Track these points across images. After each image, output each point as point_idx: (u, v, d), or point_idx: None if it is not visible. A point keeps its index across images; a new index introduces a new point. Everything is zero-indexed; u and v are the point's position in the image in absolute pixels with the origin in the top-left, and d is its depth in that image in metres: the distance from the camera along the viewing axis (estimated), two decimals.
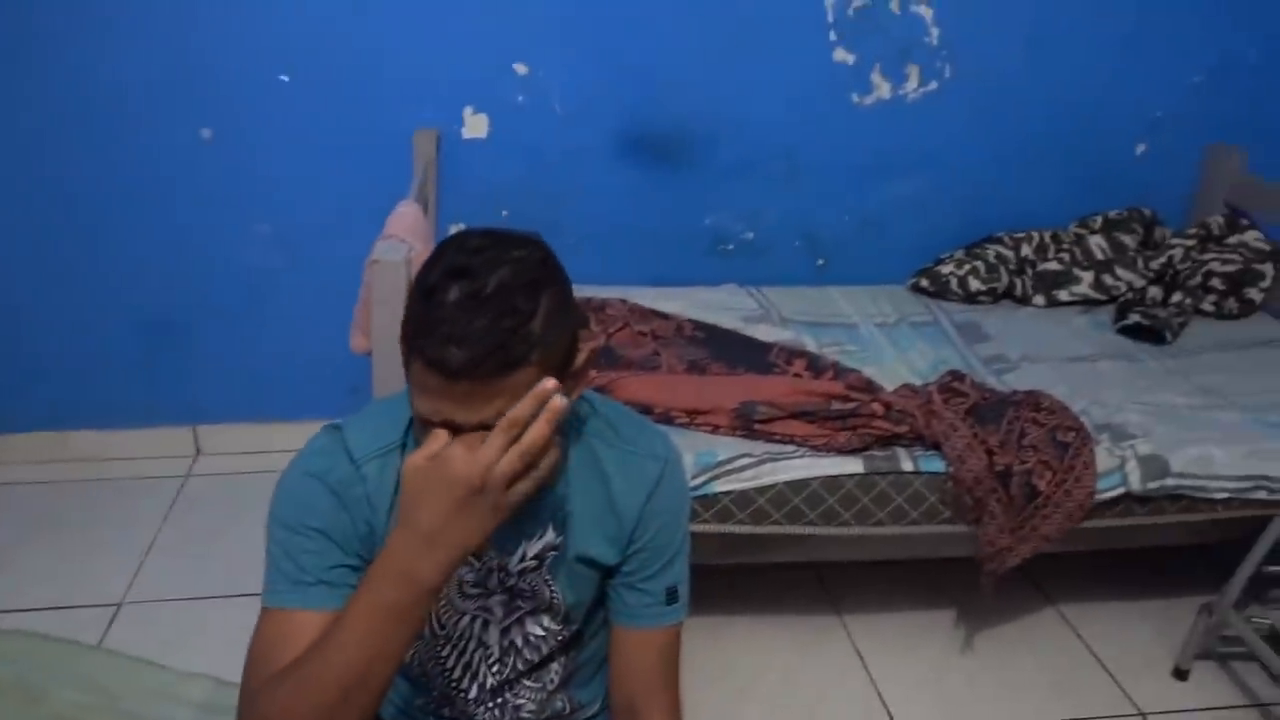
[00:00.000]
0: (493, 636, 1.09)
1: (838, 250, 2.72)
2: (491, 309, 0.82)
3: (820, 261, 2.73)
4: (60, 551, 2.22)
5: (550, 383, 0.81)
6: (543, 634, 1.10)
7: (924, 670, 2.02)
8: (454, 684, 1.11)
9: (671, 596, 1.08)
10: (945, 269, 2.61)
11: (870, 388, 1.89)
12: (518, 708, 1.14)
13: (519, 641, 1.10)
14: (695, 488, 1.69)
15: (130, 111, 2.26)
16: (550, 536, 1.04)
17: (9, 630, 1.81)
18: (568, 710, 1.18)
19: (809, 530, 1.73)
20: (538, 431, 0.81)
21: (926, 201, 2.70)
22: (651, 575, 1.07)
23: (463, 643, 1.09)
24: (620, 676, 1.09)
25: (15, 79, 2.19)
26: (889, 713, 1.91)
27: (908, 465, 1.75)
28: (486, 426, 0.83)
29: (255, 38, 2.24)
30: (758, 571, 2.22)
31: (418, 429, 0.91)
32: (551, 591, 1.07)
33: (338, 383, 2.55)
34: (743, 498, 1.71)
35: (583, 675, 1.18)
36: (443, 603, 1.07)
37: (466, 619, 1.08)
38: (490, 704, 1.13)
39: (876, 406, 1.77)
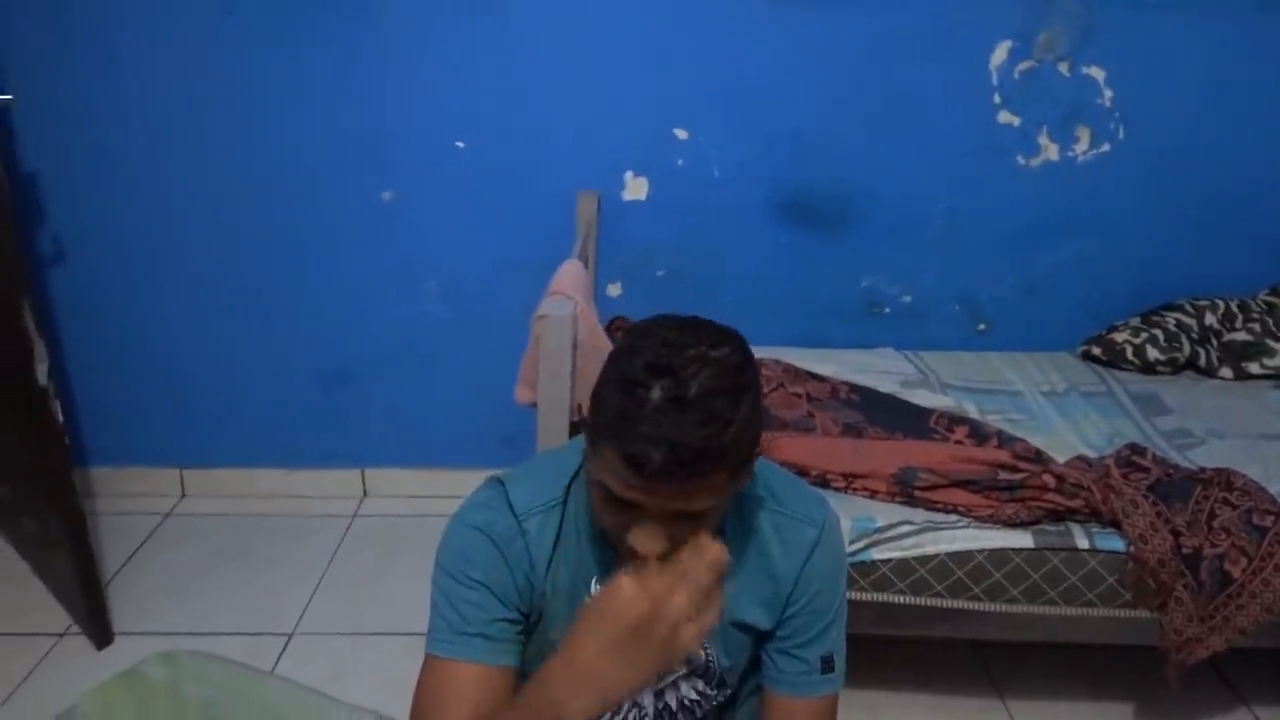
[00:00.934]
0: (647, 699, 1.09)
1: (999, 316, 2.64)
2: (695, 416, 0.81)
3: (981, 326, 2.65)
4: (242, 580, 2.38)
5: (721, 554, 0.83)
6: (697, 698, 1.10)
7: None
8: None
9: (827, 666, 1.07)
10: (1119, 337, 2.48)
11: (1040, 458, 1.80)
12: None
13: (673, 704, 1.10)
14: (852, 554, 1.65)
15: (323, 175, 2.45)
16: None
17: (208, 654, 1.93)
18: None
19: (973, 605, 1.66)
20: (709, 576, 0.81)
21: (1097, 267, 2.58)
22: (807, 642, 1.06)
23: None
24: None
25: (232, 146, 2.42)
26: None
27: (1083, 542, 1.65)
28: (669, 516, 0.85)
29: (435, 107, 2.40)
30: (916, 645, 2.13)
31: (598, 499, 0.92)
32: (707, 655, 1.07)
33: (493, 433, 2.65)
34: (902, 567, 1.66)
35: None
36: None
37: None
38: None
39: (1047, 478, 1.69)
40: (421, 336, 2.62)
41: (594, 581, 1.05)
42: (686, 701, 1.10)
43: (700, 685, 1.09)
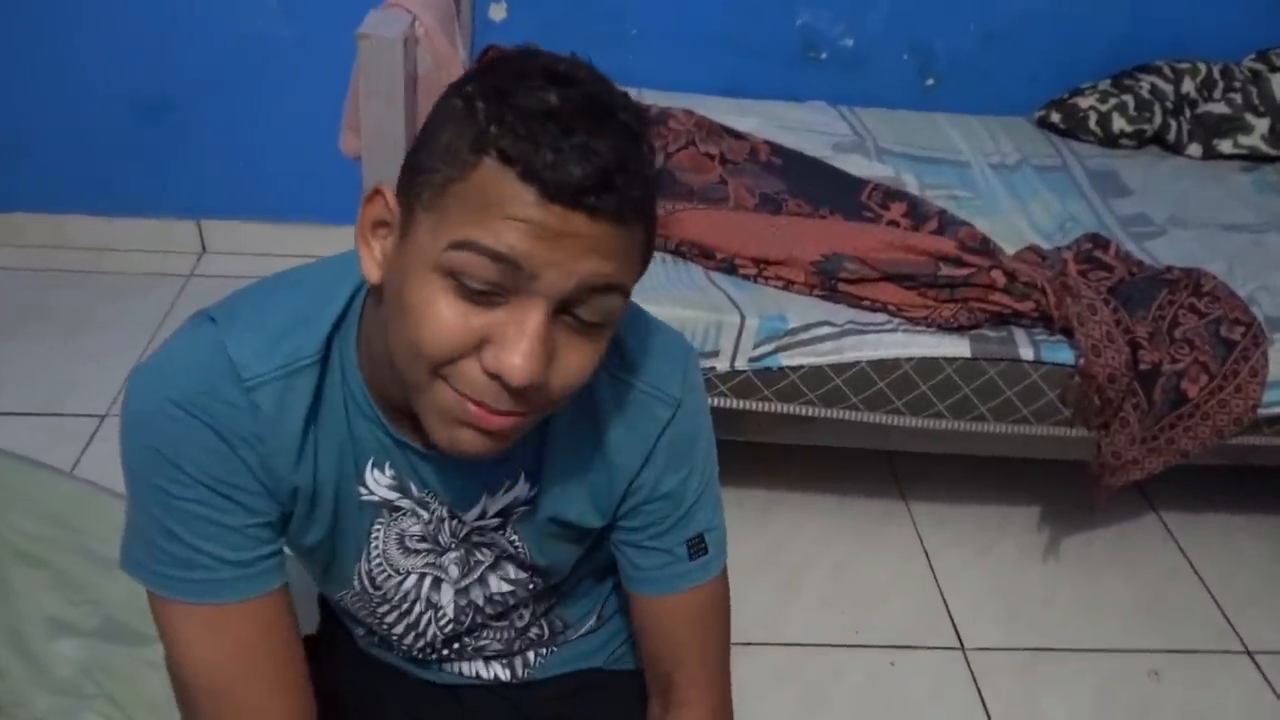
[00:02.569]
0: (445, 596, 0.82)
1: (953, 69, 2.26)
2: (617, 128, 0.56)
3: (930, 81, 2.27)
4: (49, 350, 2.01)
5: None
6: (509, 588, 0.83)
7: (994, 574, 1.77)
8: (395, 637, 0.86)
9: (696, 548, 0.79)
10: (1084, 102, 2.15)
11: (988, 250, 1.51)
12: (479, 648, 0.90)
13: (480, 599, 0.83)
14: (756, 359, 1.38)
15: None
16: (520, 489, 0.76)
17: None
18: (547, 634, 0.93)
19: (891, 420, 1.42)
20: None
21: (1071, 14, 2.19)
22: (663, 531, 0.79)
23: (406, 604, 0.82)
24: (649, 651, 0.84)
25: None
26: (951, 618, 1.67)
27: (1026, 352, 1.41)
28: (582, 294, 0.58)
29: None
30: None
31: (437, 296, 0.57)
32: (516, 549, 0.80)
33: (352, 184, 2.22)
34: (815, 375, 1.39)
35: (567, 599, 0.92)
36: (375, 560, 0.78)
37: (412, 579, 0.80)
38: (442, 649, 0.89)
39: (996, 275, 1.40)
40: (256, 60, 2.12)
41: (369, 468, 0.72)
42: (496, 596, 0.83)
43: (511, 572, 0.82)
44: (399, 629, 0.85)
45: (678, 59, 2.16)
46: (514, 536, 0.79)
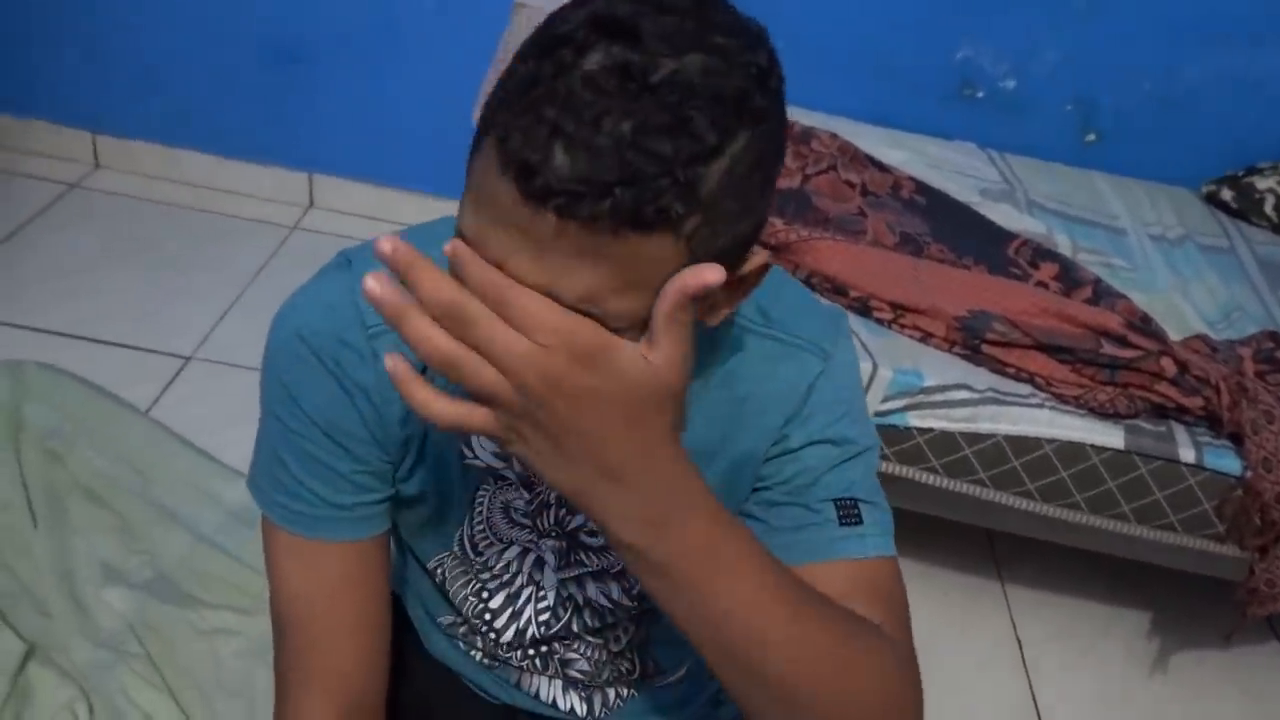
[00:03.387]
0: (548, 580, 0.76)
1: (1118, 127, 2.09)
2: (651, 109, 0.45)
3: (1090, 137, 2.11)
4: (145, 282, 1.99)
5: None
6: (609, 605, 0.77)
7: (1094, 677, 1.61)
8: (488, 620, 0.79)
9: (847, 513, 0.66)
10: (1261, 183, 1.97)
11: (1156, 332, 1.36)
12: (567, 662, 0.82)
13: (579, 599, 0.77)
14: (882, 414, 1.25)
15: None
16: None
17: (63, 373, 1.57)
18: (637, 673, 0.83)
19: (1019, 503, 1.29)
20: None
21: (1255, 88, 2.01)
22: (806, 485, 0.67)
23: (508, 575, 0.77)
24: None
25: None
26: (1038, 713, 1.52)
27: (1187, 453, 1.25)
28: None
29: None
30: None
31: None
32: None
33: (460, 155, 2.16)
34: (944, 441, 1.27)
35: (667, 634, 0.82)
36: (479, 525, 0.74)
37: (515, 550, 0.75)
38: (530, 651, 0.81)
39: (1166, 364, 1.26)
40: (393, 21, 2.07)
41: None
42: (595, 605, 0.77)
43: (615, 592, 0.76)
44: (497, 602, 0.77)
45: (824, 77, 2.04)
46: None
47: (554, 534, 0.73)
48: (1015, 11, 1.98)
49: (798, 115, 1.88)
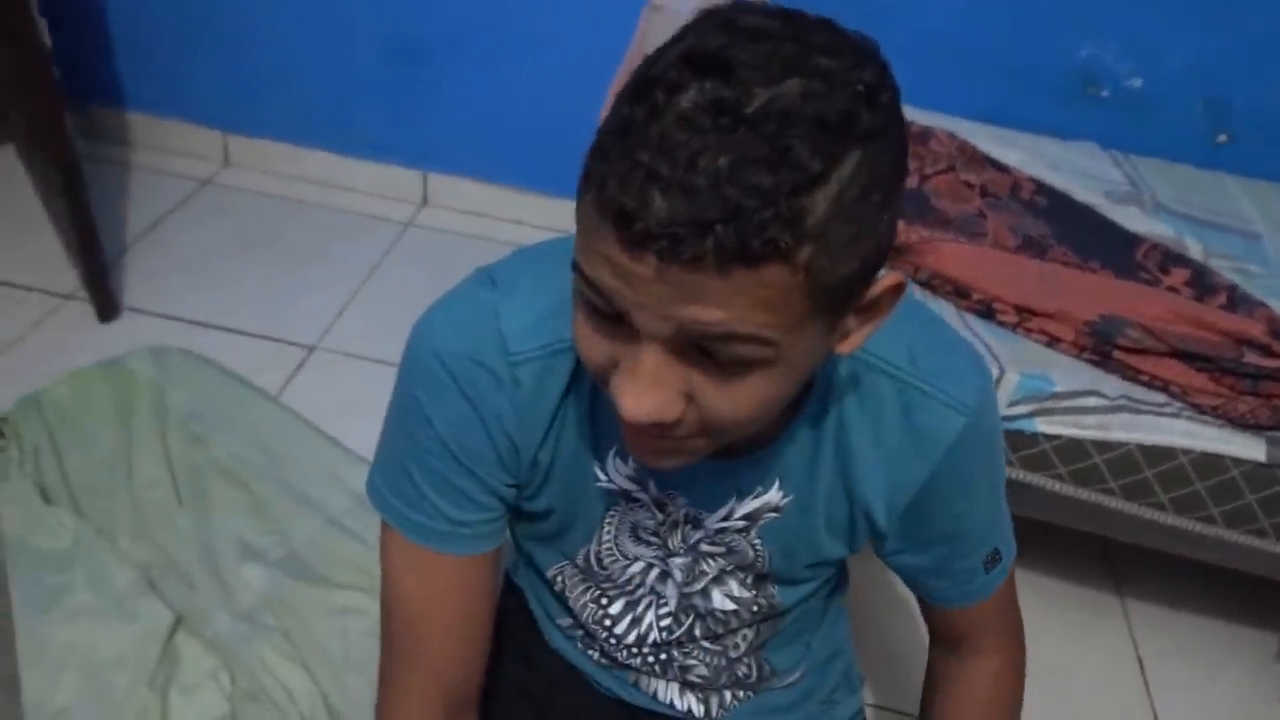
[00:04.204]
0: (670, 590, 0.78)
1: (1251, 127, 2.00)
2: (748, 142, 0.44)
3: (1221, 138, 2.02)
4: (273, 274, 2.08)
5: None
6: (733, 606, 0.78)
7: (1221, 700, 1.54)
8: (607, 625, 0.81)
9: (992, 562, 0.77)
10: None
11: None
12: (686, 668, 0.83)
13: (701, 608, 0.78)
14: (1009, 419, 1.23)
15: None
16: (773, 496, 0.71)
17: (202, 359, 1.67)
18: (755, 677, 0.86)
19: (1150, 515, 1.25)
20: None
21: None
22: (959, 550, 0.75)
23: (631, 587, 0.78)
24: (937, 632, 0.86)
25: None
26: None
27: None
28: (687, 342, 0.49)
29: None
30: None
31: (576, 310, 0.54)
32: (756, 554, 0.74)
33: (575, 155, 2.19)
34: (1073, 449, 1.24)
35: (782, 639, 0.85)
36: (606, 544, 0.75)
37: (640, 565, 0.76)
38: (650, 656, 0.83)
39: None
40: (512, 17, 2.11)
41: (611, 455, 0.70)
42: (719, 613, 0.79)
43: (735, 589, 0.77)
44: (617, 608, 0.80)
45: (941, 76, 2.01)
46: (757, 541, 0.73)
47: (682, 551, 0.75)
48: (1143, 7, 1.91)
49: (914, 115, 1.85)
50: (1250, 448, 1.20)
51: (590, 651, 0.85)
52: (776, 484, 0.70)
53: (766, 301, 0.47)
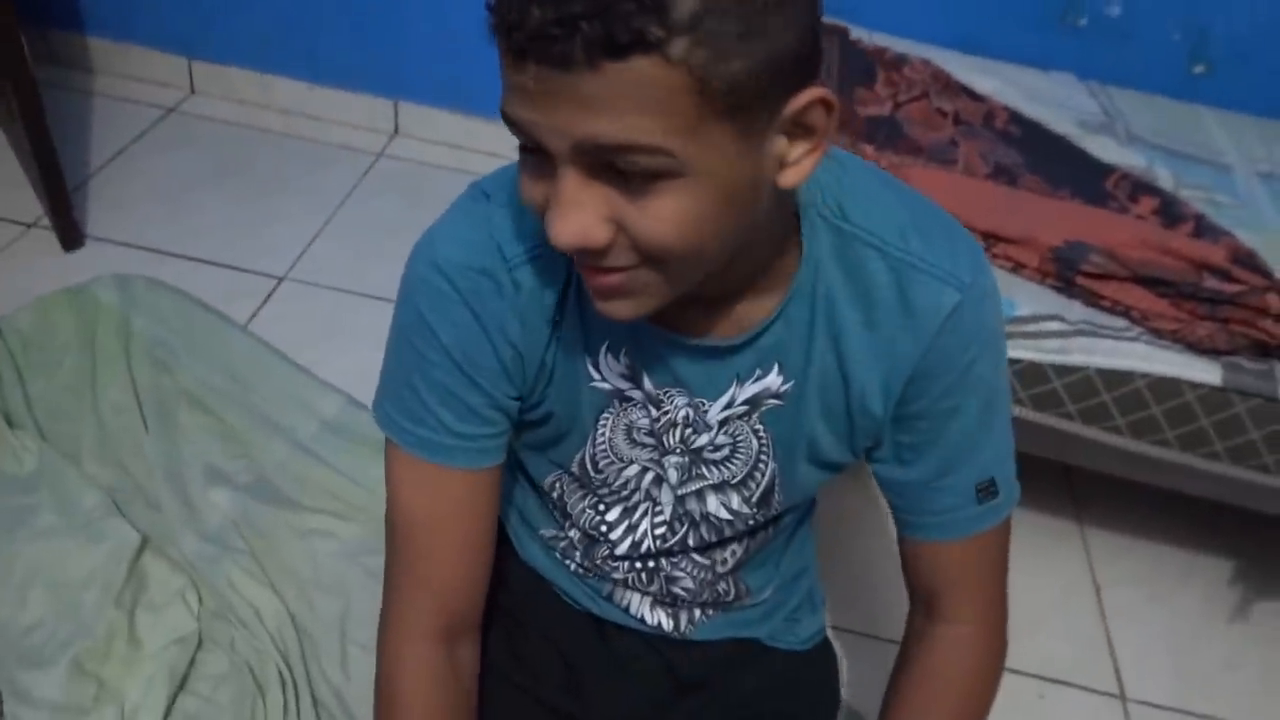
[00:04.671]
0: (665, 496, 0.77)
1: (1229, 57, 1.99)
2: None
3: (1199, 68, 2.01)
4: (241, 203, 2.05)
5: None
6: (729, 517, 0.78)
7: (1171, 624, 1.59)
8: (604, 532, 0.81)
9: (985, 492, 0.72)
10: None
11: (1261, 267, 1.31)
12: (672, 580, 0.84)
13: (696, 514, 0.78)
14: None
15: None
16: (772, 380, 0.69)
17: (167, 286, 1.65)
18: (732, 596, 0.87)
19: (1107, 439, 1.27)
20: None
21: None
22: (948, 464, 0.71)
23: (626, 491, 0.78)
24: (913, 572, 0.78)
25: None
26: (1115, 661, 1.51)
27: None
28: (594, 152, 0.50)
29: None
30: None
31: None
32: (760, 441, 0.72)
33: None
34: (1033, 373, 1.25)
35: (761, 557, 0.86)
36: (600, 446, 0.74)
37: (635, 469, 0.76)
38: (639, 566, 0.83)
39: (1272, 299, 1.22)
40: None
41: (603, 352, 0.69)
42: (713, 519, 0.78)
43: (734, 501, 0.76)
44: (614, 514, 0.79)
45: (917, 3, 1.98)
46: (759, 427, 0.71)
47: (678, 450, 0.74)
48: None
49: (890, 43, 1.83)
50: (1206, 371, 1.22)
51: (567, 561, 0.86)
52: (776, 368, 0.68)
53: (650, 103, 0.47)
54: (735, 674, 0.88)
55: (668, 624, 0.86)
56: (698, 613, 0.87)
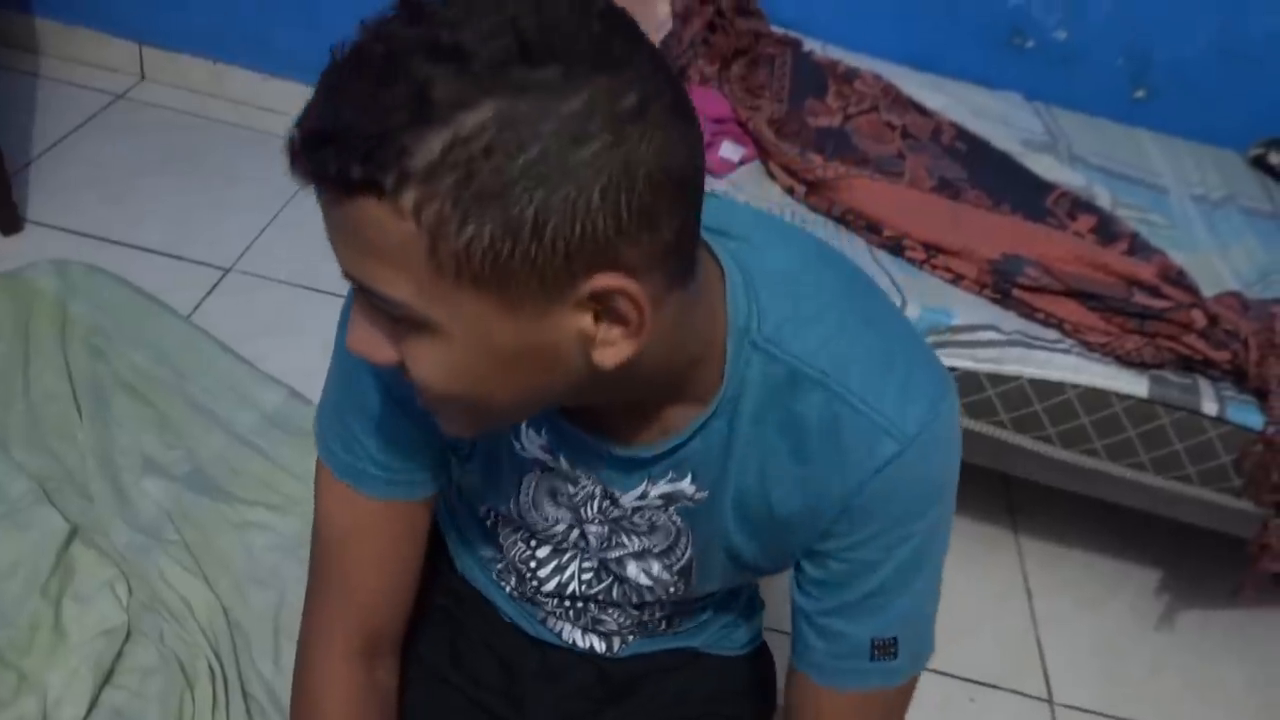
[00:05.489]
0: (593, 547, 0.75)
1: (1169, 84, 2.05)
2: (401, 71, 0.43)
3: (1139, 93, 2.07)
4: (187, 193, 2.02)
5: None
6: (650, 584, 0.75)
7: (1099, 632, 1.63)
8: (533, 568, 0.80)
9: (883, 651, 0.65)
10: None
11: (1188, 285, 1.36)
12: (598, 620, 0.83)
13: (621, 574, 0.76)
14: None
15: None
16: (685, 486, 0.65)
17: (107, 274, 1.62)
18: (663, 628, 0.86)
19: (1037, 447, 1.30)
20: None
21: None
22: (850, 607, 0.64)
23: (556, 540, 0.76)
24: (789, 714, 0.72)
25: None
26: (1044, 667, 1.55)
27: (1210, 406, 1.26)
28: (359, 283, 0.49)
29: None
30: None
31: None
32: (679, 530, 0.69)
33: None
34: (968, 381, 1.28)
35: (694, 607, 0.86)
36: (525, 503, 0.72)
37: (561, 525, 0.74)
38: (566, 604, 0.82)
39: (1196, 315, 1.26)
40: None
41: (524, 427, 0.67)
42: (632, 582, 0.76)
43: (655, 569, 0.73)
44: (544, 552, 0.78)
45: (869, 19, 2.02)
46: (676, 518, 0.68)
47: (597, 520, 0.72)
48: None
49: (843, 56, 1.86)
50: (1134, 384, 1.25)
51: (502, 583, 0.85)
52: (690, 477, 0.65)
53: (385, 251, 0.45)
54: (669, 679, 0.88)
55: (600, 647, 0.86)
56: (631, 637, 0.87)
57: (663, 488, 0.67)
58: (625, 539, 0.72)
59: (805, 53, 1.77)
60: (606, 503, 0.70)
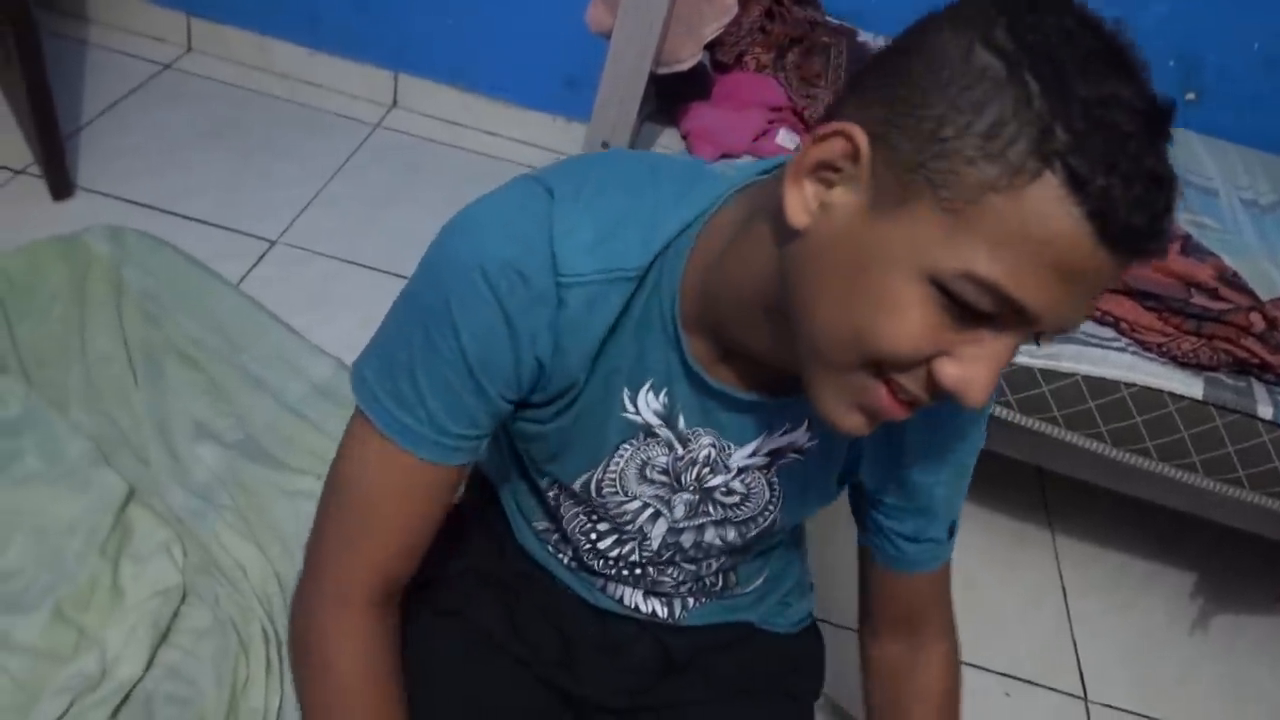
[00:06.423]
0: (657, 531, 0.78)
1: (1220, 87, 2.04)
2: (1164, 143, 0.49)
3: (1190, 95, 2.06)
4: (235, 165, 2.03)
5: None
6: (720, 545, 0.80)
7: (1134, 632, 1.64)
8: (593, 540, 0.82)
9: (952, 530, 0.81)
10: None
11: (1246, 288, 1.35)
12: (656, 582, 0.85)
13: (686, 543, 0.79)
14: None
15: None
16: (799, 436, 0.71)
17: (160, 241, 1.63)
18: (720, 586, 0.89)
19: (1088, 445, 1.30)
20: None
21: None
22: (931, 520, 0.79)
23: (623, 520, 0.78)
24: (889, 600, 0.85)
25: None
26: (1079, 664, 1.55)
27: (1265, 410, 1.26)
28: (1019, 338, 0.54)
29: None
30: None
31: (919, 301, 0.50)
32: (772, 492, 0.75)
33: (558, 68, 2.16)
34: (1022, 377, 1.28)
35: (752, 559, 0.89)
36: (610, 475, 0.73)
37: (636, 504, 0.75)
38: (626, 572, 0.84)
39: (1255, 319, 1.25)
40: None
41: (645, 388, 0.68)
42: (703, 544, 0.79)
43: (730, 535, 0.79)
44: (604, 527, 0.80)
45: (922, 9, 2.00)
46: (775, 479, 0.75)
47: (691, 488, 0.74)
48: None
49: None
50: (1189, 385, 1.25)
51: (560, 555, 0.86)
52: (806, 424, 0.71)
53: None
54: (728, 654, 0.90)
55: (662, 611, 0.88)
56: (691, 601, 0.88)
57: (776, 440, 0.71)
58: (712, 508, 0.76)
59: (860, 43, 1.76)
60: (707, 470, 0.72)
